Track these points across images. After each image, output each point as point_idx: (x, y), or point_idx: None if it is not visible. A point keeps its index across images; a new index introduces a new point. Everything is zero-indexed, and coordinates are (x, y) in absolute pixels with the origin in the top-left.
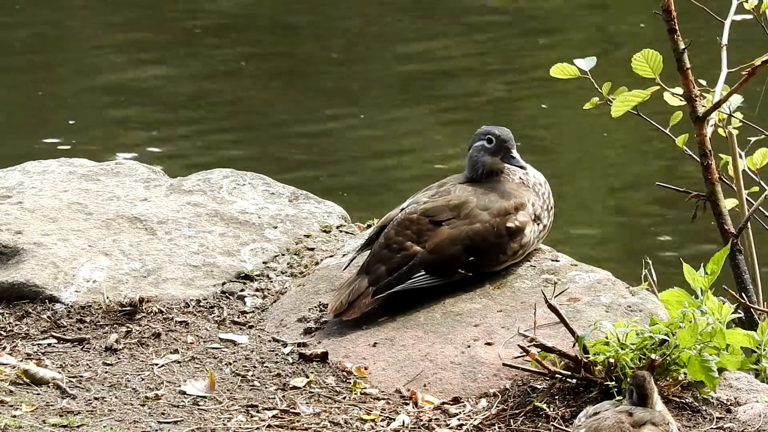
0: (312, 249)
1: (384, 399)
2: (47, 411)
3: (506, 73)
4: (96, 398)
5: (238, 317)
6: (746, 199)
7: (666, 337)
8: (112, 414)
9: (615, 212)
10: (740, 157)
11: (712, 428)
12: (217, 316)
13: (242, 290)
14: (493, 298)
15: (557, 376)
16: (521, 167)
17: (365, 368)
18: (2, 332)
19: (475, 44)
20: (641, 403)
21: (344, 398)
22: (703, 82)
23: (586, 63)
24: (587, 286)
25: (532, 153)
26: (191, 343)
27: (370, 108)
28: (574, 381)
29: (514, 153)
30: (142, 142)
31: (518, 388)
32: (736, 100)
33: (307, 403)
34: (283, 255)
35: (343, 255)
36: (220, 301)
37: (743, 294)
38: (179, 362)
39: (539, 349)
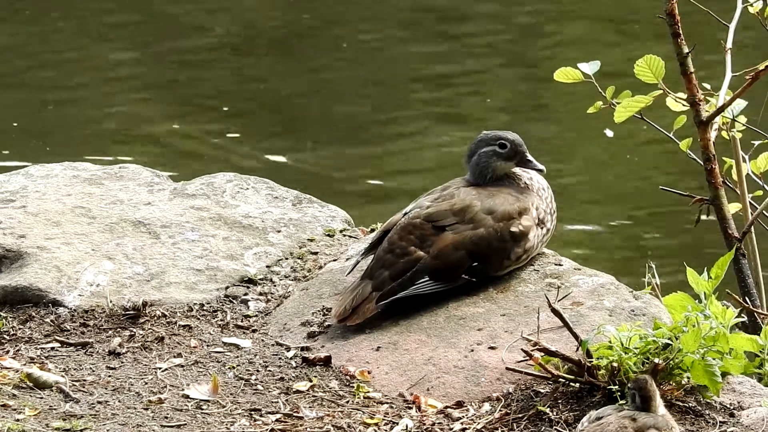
0: (315, 253)
1: (387, 403)
2: (50, 415)
3: (513, 77)
4: (99, 402)
5: (242, 321)
6: (750, 203)
7: (669, 341)
8: (116, 418)
9: (618, 216)
10: (744, 161)
11: None
12: (221, 320)
13: (246, 294)
14: (497, 302)
15: (560, 380)
16: (540, 170)
17: (368, 372)
18: (5, 336)
19: (482, 51)
20: (644, 407)
21: (347, 402)
22: (707, 86)
23: (590, 67)
24: (590, 290)
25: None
26: (194, 347)
27: (376, 112)
28: (578, 385)
29: (530, 156)
30: (146, 146)
31: (521, 392)
32: (740, 104)
33: (310, 407)
34: (287, 259)
35: (347, 259)
36: (223, 305)
37: (747, 298)
38: (182, 366)
39: (542, 353)
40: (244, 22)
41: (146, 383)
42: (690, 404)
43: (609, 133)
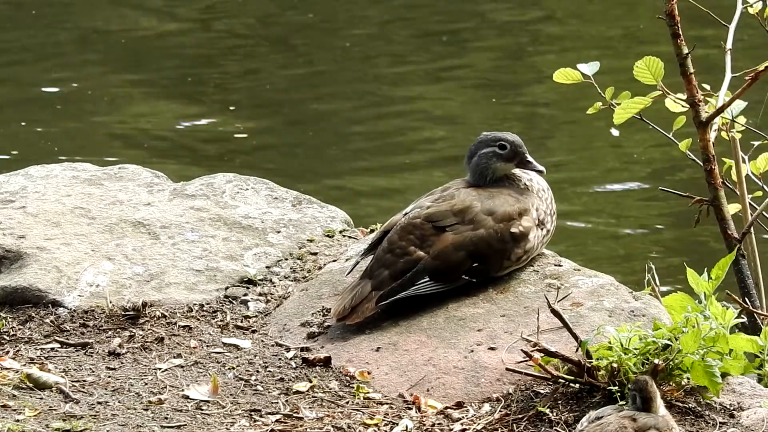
0: (315, 253)
1: (387, 404)
2: (50, 415)
3: (510, 79)
4: (99, 403)
5: (241, 322)
6: (749, 203)
7: (669, 342)
8: (115, 418)
9: (617, 217)
10: (743, 161)
11: None
12: (220, 321)
13: (245, 295)
14: (497, 302)
15: (560, 380)
16: (540, 171)
17: (368, 373)
18: (5, 336)
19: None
20: (645, 407)
21: (347, 403)
22: (707, 87)
23: (589, 68)
24: (590, 291)
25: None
26: (194, 348)
27: (374, 112)
28: (577, 386)
29: (530, 158)
30: (146, 146)
31: (521, 392)
32: (740, 104)
33: (310, 407)
34: (287, 259)
35: (347, 259)
36: (223, 306)
37: (746, 299)
38: (182, 367)
39: (542, 354)
40: (247, 21)
41: (146, 384)
42: (690, 405)
43: (615, 132)
